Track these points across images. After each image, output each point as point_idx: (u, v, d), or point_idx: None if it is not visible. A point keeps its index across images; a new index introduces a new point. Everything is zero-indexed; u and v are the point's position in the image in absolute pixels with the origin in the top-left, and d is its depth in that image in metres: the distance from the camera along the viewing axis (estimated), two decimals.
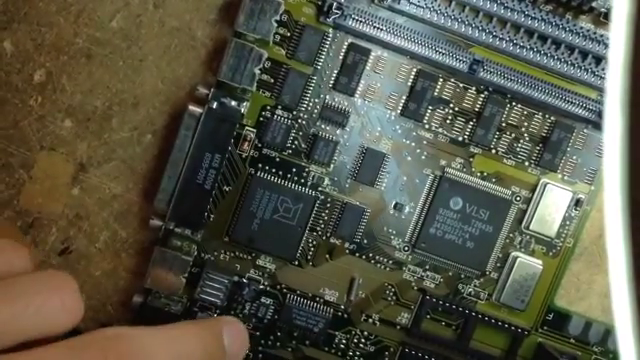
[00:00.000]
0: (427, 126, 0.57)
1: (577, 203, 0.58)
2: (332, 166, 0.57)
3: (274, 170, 0.56)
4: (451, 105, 0.57)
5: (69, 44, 0.55)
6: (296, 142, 0.56)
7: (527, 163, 0.58)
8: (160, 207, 0.54)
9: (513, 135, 0.57)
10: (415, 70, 0.56)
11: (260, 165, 0.56)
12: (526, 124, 0.57)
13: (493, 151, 0.57)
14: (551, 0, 0.55)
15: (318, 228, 0.57)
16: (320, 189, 0.57)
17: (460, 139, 0.57)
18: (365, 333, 0.59)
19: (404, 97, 0.56)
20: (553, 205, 0.58)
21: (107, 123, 0.56)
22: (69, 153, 0.56)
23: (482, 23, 0.54)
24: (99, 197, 0.57)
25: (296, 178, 0.56)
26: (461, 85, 0.56)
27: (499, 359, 0.59)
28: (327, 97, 0.56)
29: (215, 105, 0.53)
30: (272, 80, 0.55)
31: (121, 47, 0.55)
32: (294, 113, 0.56)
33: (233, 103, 0.54)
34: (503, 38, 0.55)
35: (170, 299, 0.56)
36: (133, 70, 0.55)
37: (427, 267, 0.58)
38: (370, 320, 0.59)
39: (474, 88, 0.56)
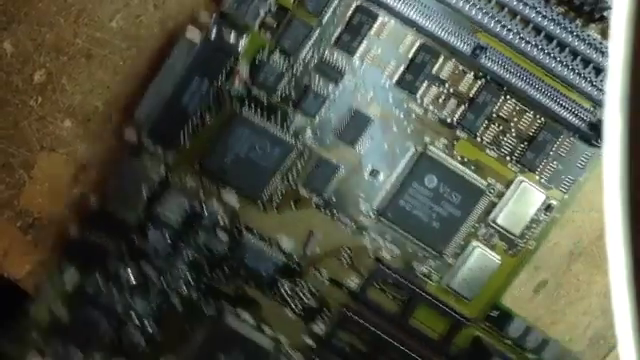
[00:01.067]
0: (419, 101, 0.57)
1: (547, 208, 0.58)
2: (317, 119, 0.56)
3: (259, 111, 0.56)
4: (447, 85, 0.56)
5: (69, 44, 0.55)
6: (287, 88, 0.56)
7: (508, 158, 0.58)
8: (139, 118, 0.54)
9: (501, 127, 0.57)
10: (419, 43, 0.56)
11: (247, 103, 0.56)
12: (516, 119, 0.57)
13: (478, 139, 0.57)
14: (564, 2, 0.54)
15: (290, 176, 0.57)
16: (300, 138, 0.57)
17: (449, 120, 0.57)
18: (311, 288, 0.59)
19: (402, 67, 0.56)
20: (524, 204, 0.58)
21: (107, 124, 0.56)
22: (69, 153, 0.56)
23: (493, 10, 0.54)
24: None
25: (279, 123, 0.56)
26: (460, 67, 0.56)
27: (435, 342, 0.60)
28: (327, 51, 0.56)
29: (214, 34, 0.53)
30: (275, 24, 0.55)
31: (121, 47, 0.55)
32: (291, 60, 0.55)
33: (232, 36, 0.53)
34: (511, 30, 0.55)
35: (127, 209, 0.56)
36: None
37: (388, 238, 0.59)
38: (319, 276, 0.59)
39: (472, 73, 0.56)
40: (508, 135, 0.57)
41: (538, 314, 0.61)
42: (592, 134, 0.56)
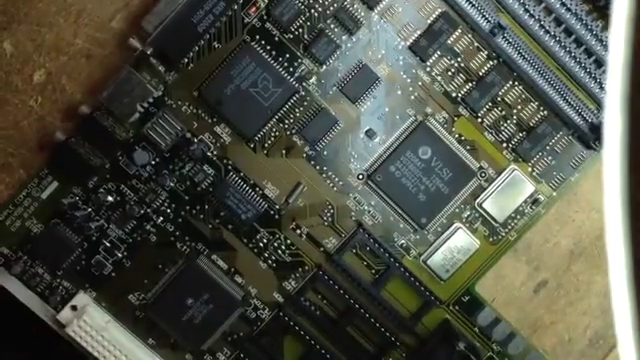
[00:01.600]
0: (428, 69, 0.56)
1: (534, 202, 0.58)
2: (324, 67, 0.55)
3: (269, 47, 0.55)
4: (459, 59, 0.56)
5: (69, 44, 0.54)
6: (301, 30, 0.55)
7: (505, 144, 0.57)
8: (147, 28, 0.52)
9: (503, 112, 0.57)
10: (440, 10, 0.55)
11: (258, 36, 0.55)
12: (519, 107, 0.57)
13: (479, 120, 0.57)
14: (590, 1, 0.55)
15: (286, 121, 0.56)
16: (304, 84, 0.55)
17: (453, 95, 0.57)
18: (288, 241, 0.58)
19: (419, 32, 0.56)
20: (512, 194, 0.58)
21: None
22: None
23: None
24: None
25: (286, 64, 0.55)
26: (476, 44, 0.56)
27: (403, 318, 0.58)
28: (348, 0, 0.55)
29: None
30: None
31: (121, 47, 0.54)
32: (311, 1, 0.54)
33: None
34: (533, 15, 0.55)
35: (117, 123, 0.54)
36: None
37: (372, 203, 0.57)
38: (298, 231, 0.58)
39: (486, 52, 0.56)
40: (509, 121, 0.57)
41: (538, 314, 0.60)
42: (591, 136, 0.56)
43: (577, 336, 0.60)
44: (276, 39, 0.55)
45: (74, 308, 0.56)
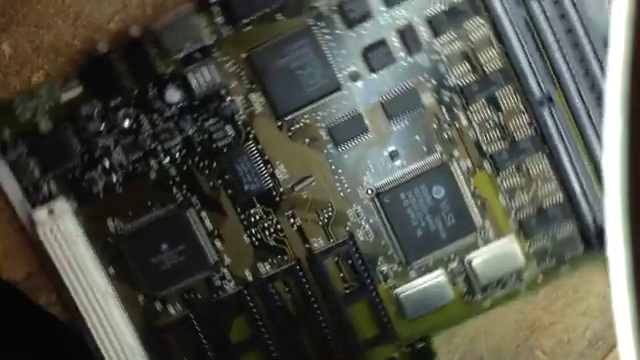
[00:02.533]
0: (469, 114, 0.56)
1: (519, 276, 0.58)
2: (374, 75, 0.56)
3: (328, 37, 0.56)
4: (500, 114, 0.56)
5: (67, 46, 0.55)
6: (364, 32, 0.56)
7: (513, 214, 0.58)
8: None
9: (523, 181, 0.57)
10: (500, 65, 0.56)
11: (321, 23, 0.55)
12: (539, 183, 0.57)
13: (498, 180, 0.57)
14: None
15: (320, 113, 0.56)
16: (349, 84, 0.56)
17: (484, 148, 0.57)
18: (278, 226, 0.57)
19: (474, 77, 0.56)
20: (503, 263, 0.58)
21: None
22: None
23: (577, 75, 0.54)
24: None
25: (339, 59, 0.55)
26: (521, 106, 0.56)
27: (356, 342, 0.58)
28: (416, 19, 0.55)
29: None
30: None
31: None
32: (381, 9, 0.55)
33: None
34: (584, 102, 0.55)
35: (160, 56, 0.54)
36: None
37: (371, 221, 0.57)
38: (292, 220, 0.57)
39: (528, 118, 0.56)
40: (525, 193, 0.57)
41: (536, 315, 0.60)
42: (595, 241, 0.56)
43: (576, 337, 0.60)
44: (338, 32, 0.55)
45: (51, 212, 0.55)
